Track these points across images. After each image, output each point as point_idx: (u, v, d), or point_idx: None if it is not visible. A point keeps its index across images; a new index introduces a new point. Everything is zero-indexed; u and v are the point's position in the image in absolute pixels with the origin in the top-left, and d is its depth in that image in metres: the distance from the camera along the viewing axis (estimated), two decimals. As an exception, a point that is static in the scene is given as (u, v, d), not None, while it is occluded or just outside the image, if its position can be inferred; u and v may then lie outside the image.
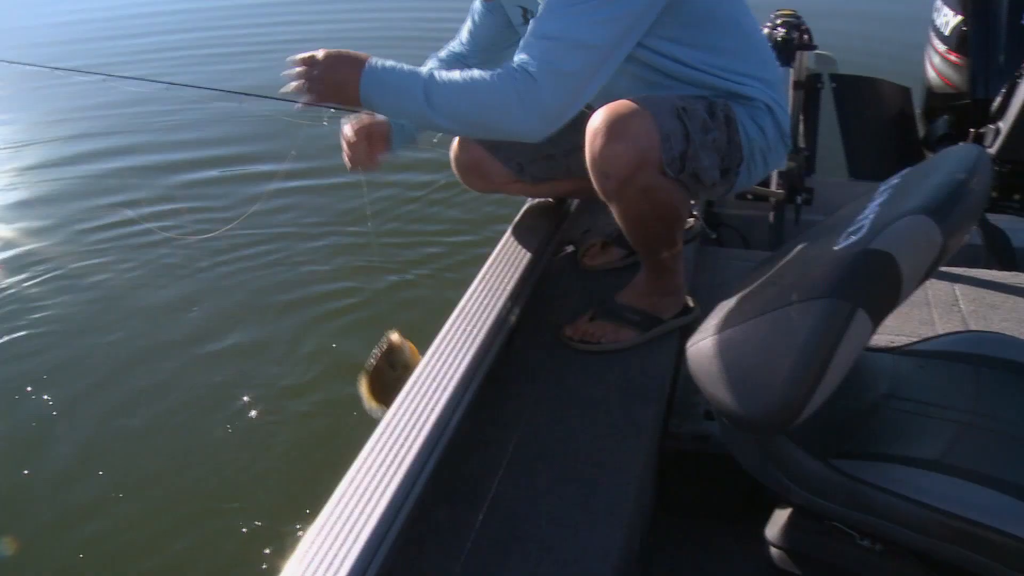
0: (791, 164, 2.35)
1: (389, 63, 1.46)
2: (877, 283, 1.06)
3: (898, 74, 2.81)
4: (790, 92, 2.43)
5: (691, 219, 2.15)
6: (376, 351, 1.59)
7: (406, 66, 1.47)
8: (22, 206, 3.76)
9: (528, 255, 1.89)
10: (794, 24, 2.53)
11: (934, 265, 1.11)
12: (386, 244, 3.22)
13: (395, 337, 1.59)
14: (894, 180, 1.30)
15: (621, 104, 1.53)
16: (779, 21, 2.54)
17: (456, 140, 1.90)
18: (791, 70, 2.45)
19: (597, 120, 1.52)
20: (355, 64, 1.43)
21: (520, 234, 1.97)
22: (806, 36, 2.53)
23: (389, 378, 1.56)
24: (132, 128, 4.42)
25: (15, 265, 3.26)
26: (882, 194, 1.25)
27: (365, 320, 2.78)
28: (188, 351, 2.70)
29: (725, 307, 1.24)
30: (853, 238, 1.11)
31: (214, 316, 2.90)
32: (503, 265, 1.87)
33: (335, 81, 1.44)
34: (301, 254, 3.22)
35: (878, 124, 2.68)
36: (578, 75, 1.45)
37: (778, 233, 2.29)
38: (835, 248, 1.12)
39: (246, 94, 2.25)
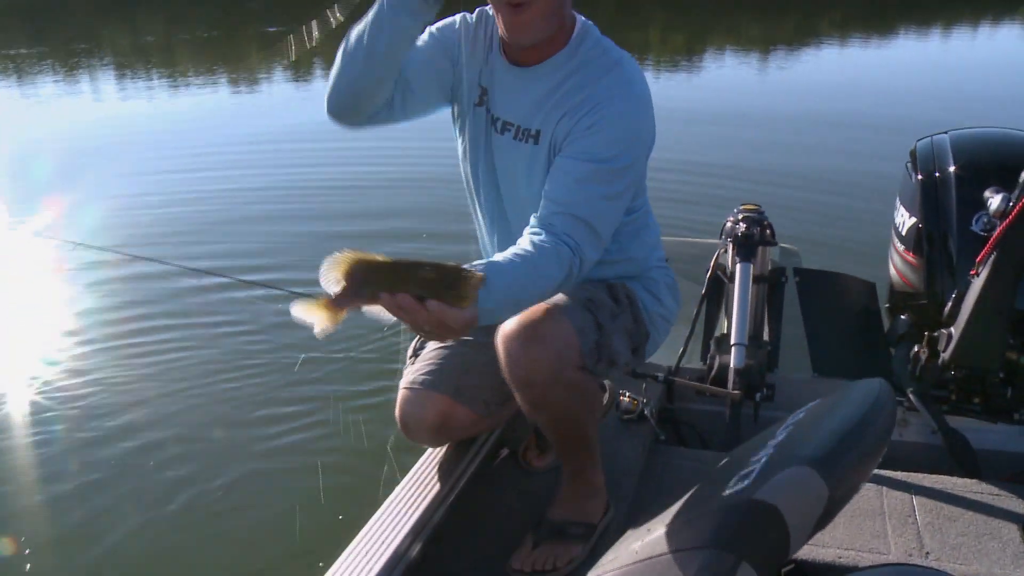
0: (750, 360, 2.36)
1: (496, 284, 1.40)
2: (761, 536, 1.05)
3: (865, 268, 2.86)
4: (750, 286, 2.47)
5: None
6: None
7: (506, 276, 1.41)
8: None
9: (459, 463, 1.88)
10: (756, 219, 2.60)
11: (826, 514, 1.09)
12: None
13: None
14: (799, 414, 1.31)
15: (531, 308, 1.55)
16: (741, 216, 2.61)
17: (408, 399, 1.76)
18: (751, 265, 2.50)
19: (509, 330, 1.55)
20: None
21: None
22: (768, 231, 2.60)
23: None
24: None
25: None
26: (783, 431, 1.25)
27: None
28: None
29: (623, 544, 1.22)
30: (742, 485, 1.10)
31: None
32: (432, 468, 1.86)
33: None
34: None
35: (842, 320, 2.70)
36: (608, 237, 1.58)
37: (735, 433, 2.26)
38: (724, 493, 1.12)
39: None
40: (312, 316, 1.33)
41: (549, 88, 1.62)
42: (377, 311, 1.31)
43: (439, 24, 1.73)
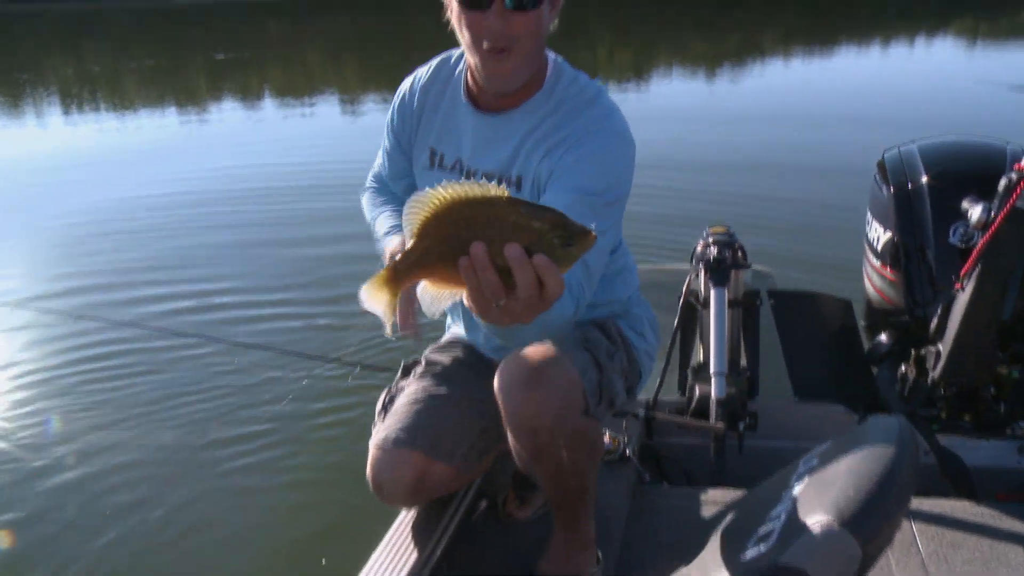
0: (731, 389, 2.26)
1: None
2: None
3: (840, 285, 2.79)
4: (725, 311, 2.38)
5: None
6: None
7: None
8: None
9: (438, 519, 1.75)
10: (727, 242, 2.51)
11: (859, 574, 0.98)
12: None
13: None
14: (812, 460, 1.20)
15: (529, 351, 1.46)
16: (711, 239, 2.52)
17: (380, 460, 1.60)
18: (725, 290, 2.41)
19: (508, 374, 1.44)
20: None
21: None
22: (740, 253, 2.51)
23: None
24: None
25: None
26: (797, 481, 1.14)
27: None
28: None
29: None
30: (763, 547, 0.99)
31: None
32: (409, 530, 1.73)
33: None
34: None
35: (821, 341, 2.62)
36: (598, 276, 1.48)
37: (720, 466, 2.16)
38: (744, 556, 1.00)
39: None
40: (373, 302, 1.04)
41: (526, 131, 1.56)
42: (439, 290, 1.02)
43: (392, 112, 1.73)
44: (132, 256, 5.44)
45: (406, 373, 1.80)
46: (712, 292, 2.39)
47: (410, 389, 1.71)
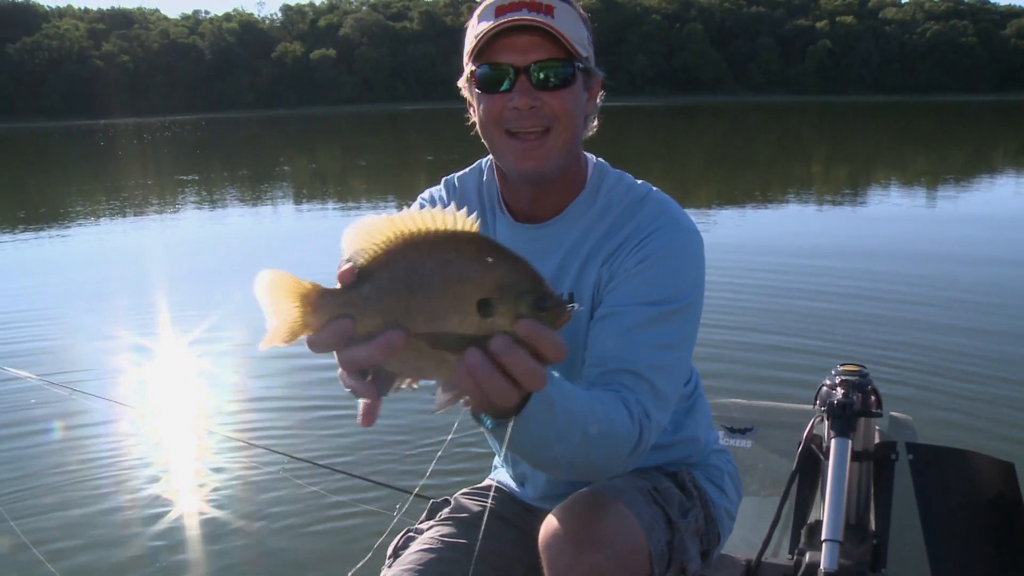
0: (847, 561, 1.92)
1: (563, 385, 1.05)
2: None
3: (997, 447, 2.35)
4: (847, 467, 2.06)
5: None
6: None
7: (575, 391, 1.09)
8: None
9: None
10: (857, 383, 2.19)
11: None
12: None
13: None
14: None
15: (584, 498, 1.27)
16: (839, 379, 2.22)
17: None
18: (848, 442, 2.09)
19: (556, 527, 1.24)
20: None
21: None
22: (872, 398, 2.18)
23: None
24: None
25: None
26: None
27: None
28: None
29: None
30: None
31: None
32: None
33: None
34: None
35: (970, 510, 2.19)
36: (673, 399, 1.32)
37: None
38: None
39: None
40: (274, 300, 0.84)
41: (574, 242, 1.41)
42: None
43: None
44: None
45: (432, 514, 1.66)
46: (833, 443, 2.07)
47: (428, 534, 1.56)
